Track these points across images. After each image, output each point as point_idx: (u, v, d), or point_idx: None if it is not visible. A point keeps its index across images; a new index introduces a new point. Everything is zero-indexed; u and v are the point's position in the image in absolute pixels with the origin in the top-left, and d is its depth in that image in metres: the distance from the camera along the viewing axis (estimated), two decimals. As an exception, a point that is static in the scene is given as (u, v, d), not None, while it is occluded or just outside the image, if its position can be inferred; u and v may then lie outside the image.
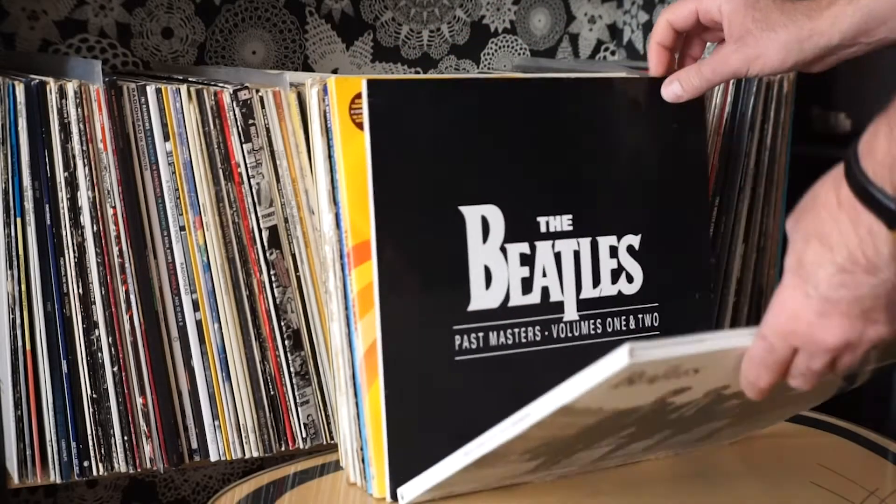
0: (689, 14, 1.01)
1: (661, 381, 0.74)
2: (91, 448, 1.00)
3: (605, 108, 1.04)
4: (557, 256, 0.99)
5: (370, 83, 0.92)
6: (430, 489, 0.89)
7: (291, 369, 1.04)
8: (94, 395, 0.99)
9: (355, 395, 0.94)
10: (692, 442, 0.97)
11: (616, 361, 0.70)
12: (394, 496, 0.92)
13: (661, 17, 1.03)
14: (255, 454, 1.04)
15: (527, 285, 0.98)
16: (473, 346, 0.96)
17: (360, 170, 0.92)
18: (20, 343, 0.97)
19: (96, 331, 0.99)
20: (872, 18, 0.93)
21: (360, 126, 0.92)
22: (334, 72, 1.43)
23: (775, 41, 0.96)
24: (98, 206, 0.98)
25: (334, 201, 0.94)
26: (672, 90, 1.03)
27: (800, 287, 0.72)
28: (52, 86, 0.96)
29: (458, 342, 0.95)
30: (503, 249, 0.97)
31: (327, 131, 0.95)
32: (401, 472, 0.92)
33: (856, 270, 0.68)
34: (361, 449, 0.95)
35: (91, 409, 0.99)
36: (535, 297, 0.98)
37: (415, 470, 0.91)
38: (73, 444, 0.99)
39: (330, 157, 0.94)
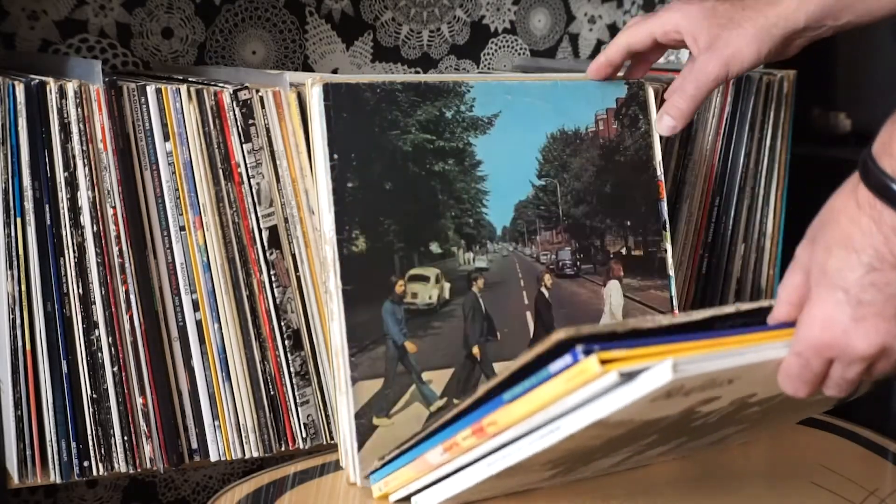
0: (647, 36, 1.03)
1: (696, 392, 0.75)
2: (91, 448, 0.99)
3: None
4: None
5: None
6: (445, 500, 0.88)
7: (291, 369, 1.04)
8: (94, 395, 0.99)
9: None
10: (703, 446, 0.97)
11: (659, 377, 0.70)
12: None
13: (620, 39, 1.04)
14: (255, 454, 1.04)
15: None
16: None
17: None
18: (20, 343, 0.97)
19: (96, 331, 0.99)
20: (838, 1, 0.95)
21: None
22: (334, 72, 1.43)
23: (745, 36, 0.98)
24: (98, 206, 0.98)
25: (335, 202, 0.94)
26: (666, 124, 1.05)
27: (829, 295, 0.71)
28: (52, 86, 0.96)
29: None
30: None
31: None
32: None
33: (884, 268, 0.69)
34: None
35: (91, 409, 0.99)
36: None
37: None
38: (73, 444, 0.99)
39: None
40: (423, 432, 0.87)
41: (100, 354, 0.99)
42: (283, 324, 1.04)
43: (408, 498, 0.91)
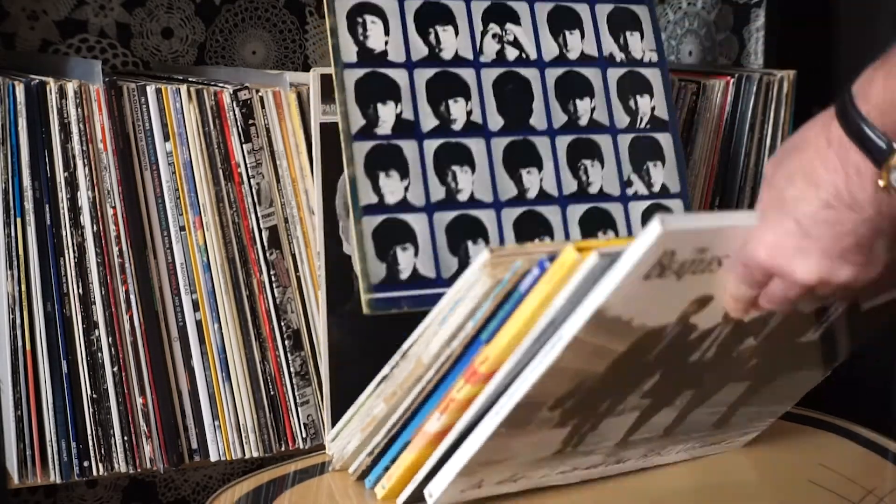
0: None
1: (688, 276, 0.76)
2: (91, 448, 1.00)
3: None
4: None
5: None
6: (456, 479, 0.86)
7: (291, 369, 1.04)
8: (94, 395, 0.99)
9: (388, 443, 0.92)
10: (709, 430, 0.97)
11: (649, 235, 0.71)
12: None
13: None
14: (255, 454, 1.04)
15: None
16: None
17: None
18: (20, 343, 0.97)
19: (96, 331, 0.99)
20: None
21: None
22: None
23: None
24: (98, 206, 0.98)
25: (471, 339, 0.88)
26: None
27: (781, 221, 0.73)
28: (52, 86, 0.96)
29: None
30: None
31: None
32: (419, 495, 0.91)
33: (839, 207, 0.70)
34: (371, 467, 0.94)
35: (91, 409, 0.99)
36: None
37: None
38: (73, 444, 0.99)
39: None
40: (403, 412, 0.87)
41: (100, 354, 0.99)
42: (283, 324, 1.04)
43: (419, 497, 0.90)
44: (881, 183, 0.69)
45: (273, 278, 1.03)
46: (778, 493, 0.97)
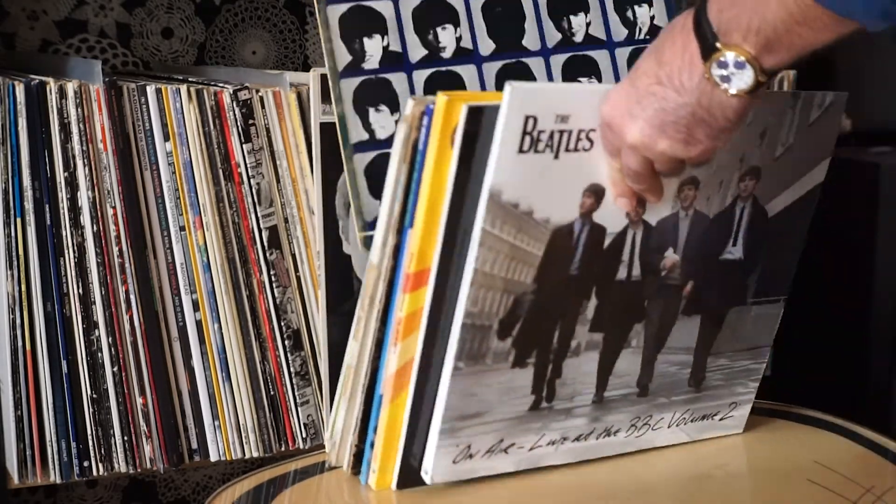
0: None
1: (564, 154, 0.82)
2: (91, 448, 1.00)
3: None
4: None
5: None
6: (442, 443, 0.86)
7: (291, 369, 1.05)
8: (94, 395, 0.99)
9: (366, 402, 0.92)
10: (689, 392, 0.98)
11: (504, 96, 0.78)
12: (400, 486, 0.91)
13: None
14: (255, 454, 1.04)
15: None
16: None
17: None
18: (20, 343, 0.97)
19: (96, 331, 0.99)
20: None
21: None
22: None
23: None
24: (98, 206, 0.98)
25: (400, 224, 0.88)
26: None
27: (625, 85, 0.81)
28: (52, 86, 0.96)
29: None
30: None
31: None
32: (409, 470, 0.91)
33: (668, 86, 0.78)
34: (360, 447, 0.94)
35: (91, 409, 0.99)
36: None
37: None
38: (73, 444, 0.99)
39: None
40: (369, 351, 0.89)
41: (100, 354, 0.99)
42: (283, 324, 1.04)
43: (408, 479, 0.89)
44: (706, 75, 0.76)
45: (273, 278, 1.03)
46: (775, 491, 0.97)
